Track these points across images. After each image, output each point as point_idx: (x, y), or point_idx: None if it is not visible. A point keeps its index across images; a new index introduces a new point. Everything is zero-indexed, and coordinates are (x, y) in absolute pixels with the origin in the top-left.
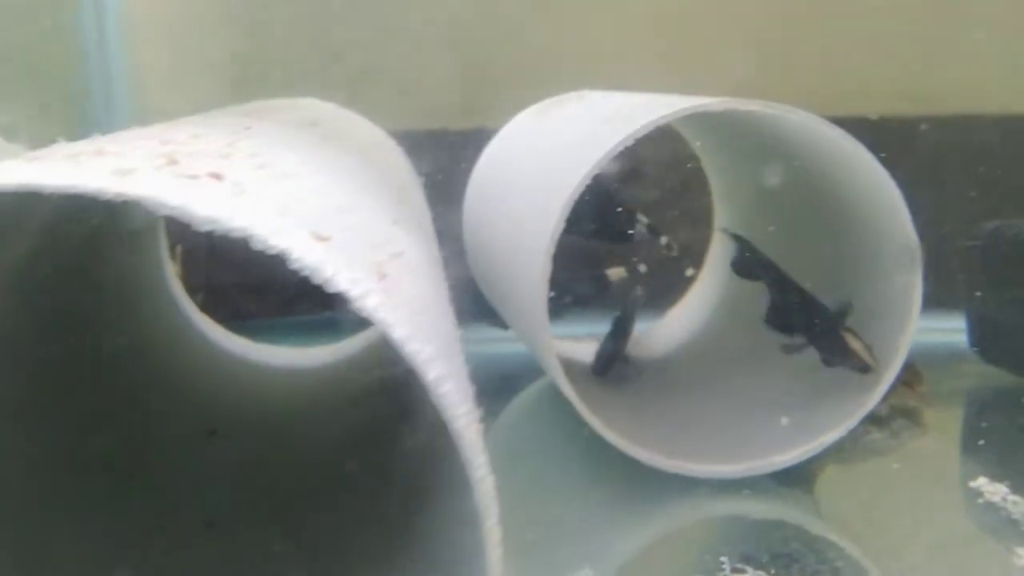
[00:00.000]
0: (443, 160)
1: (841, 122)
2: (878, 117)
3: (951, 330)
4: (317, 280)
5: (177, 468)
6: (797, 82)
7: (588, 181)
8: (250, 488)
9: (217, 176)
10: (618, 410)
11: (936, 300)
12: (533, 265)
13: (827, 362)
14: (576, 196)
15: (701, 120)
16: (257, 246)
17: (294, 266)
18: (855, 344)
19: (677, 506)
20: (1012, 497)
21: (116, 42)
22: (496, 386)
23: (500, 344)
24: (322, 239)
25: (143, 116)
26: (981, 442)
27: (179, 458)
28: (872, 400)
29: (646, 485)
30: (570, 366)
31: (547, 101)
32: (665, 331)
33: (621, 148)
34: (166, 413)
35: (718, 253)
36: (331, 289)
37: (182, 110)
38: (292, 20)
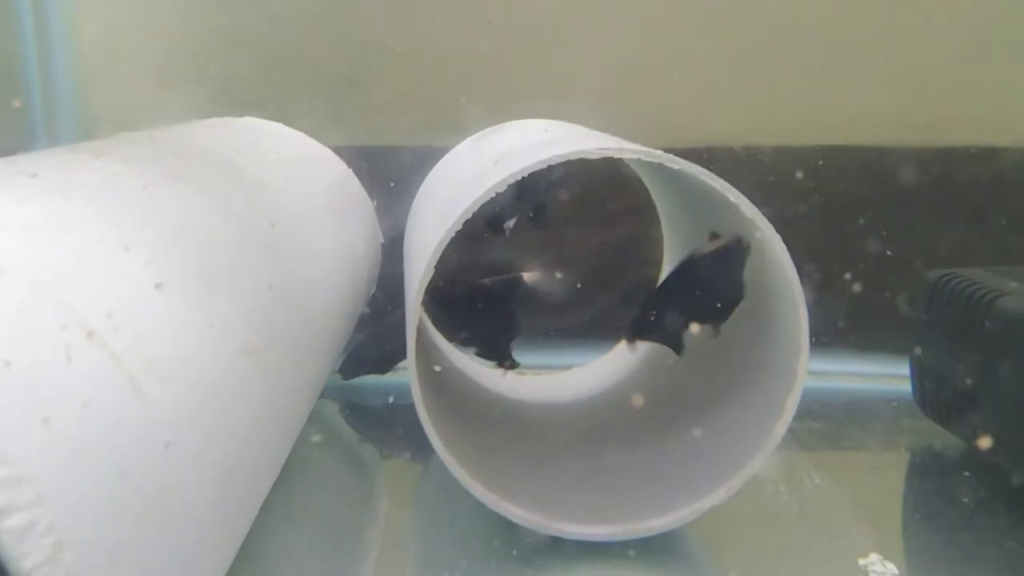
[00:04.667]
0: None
1: (826, 150)
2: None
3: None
4: None
5: None
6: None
7: (455, 232)
8: None
9: None
10: (494, 459)
11: (893, 346)
12: (410, 299)
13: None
14: (443, 246)
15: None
16: None
17: None
18: (712, 244)
19: (548, 570)
20: None
21: (60, 50)
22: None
23: None
24: None
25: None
26: (890, 511)
27: None
28: (755, 467)
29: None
30: (473, 403)
31: (487, 130)
32: (577, 379)
33: (476, 207)
34: None
35: None
36: None
37: (129, 118)
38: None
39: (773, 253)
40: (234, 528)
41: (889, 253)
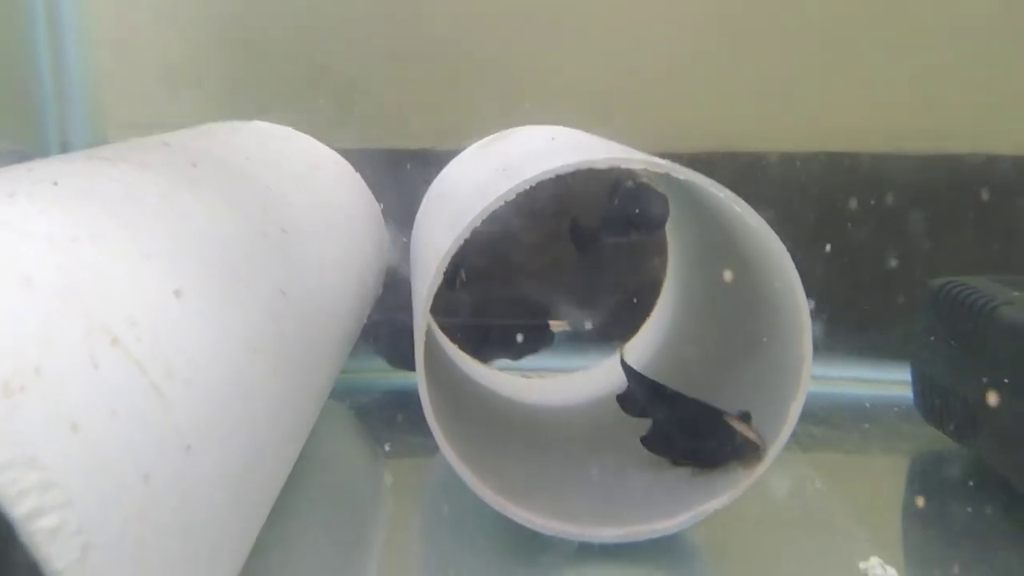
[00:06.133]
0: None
1: (830, 156)
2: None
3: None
4: None
5: None
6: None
7: (457, 246)
8: None
9: None
10: (500, 461)
11: (895, 352)
12: (419, 304)
13: (714, 463)
14: (452, 254)
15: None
16: None
17: None
18: (740, 427)
19: (552, 571)
20: None
21: (73, 52)
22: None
23: None
24: None
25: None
26: (891, 516)
27: None
28: (759, 469)
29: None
30: (486, 405)
31: (493, 136)
32: (583, 381)
33: (484, 215)
34: None
35: (667, 299)
36: None
37: (140, 120)
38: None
39: (778, 264)
40: (249, 528)
41: (891, 259)
